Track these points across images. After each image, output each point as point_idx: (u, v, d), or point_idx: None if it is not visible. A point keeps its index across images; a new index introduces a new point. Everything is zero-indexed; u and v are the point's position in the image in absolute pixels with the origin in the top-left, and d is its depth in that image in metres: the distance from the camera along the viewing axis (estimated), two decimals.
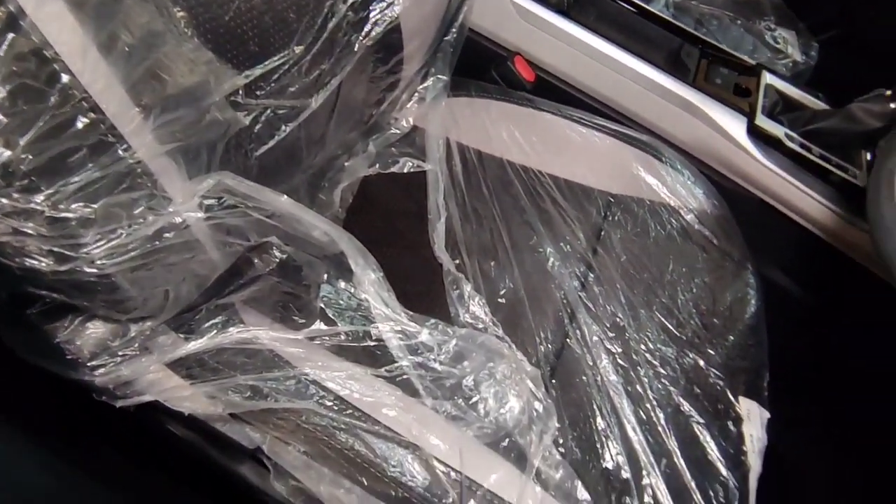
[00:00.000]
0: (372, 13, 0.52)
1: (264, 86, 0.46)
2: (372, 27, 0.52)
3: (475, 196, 0.65)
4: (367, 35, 0.52)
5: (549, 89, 0.77)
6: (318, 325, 0.50)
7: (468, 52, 0.73)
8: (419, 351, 0.50)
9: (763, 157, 0.69)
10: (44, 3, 0.30)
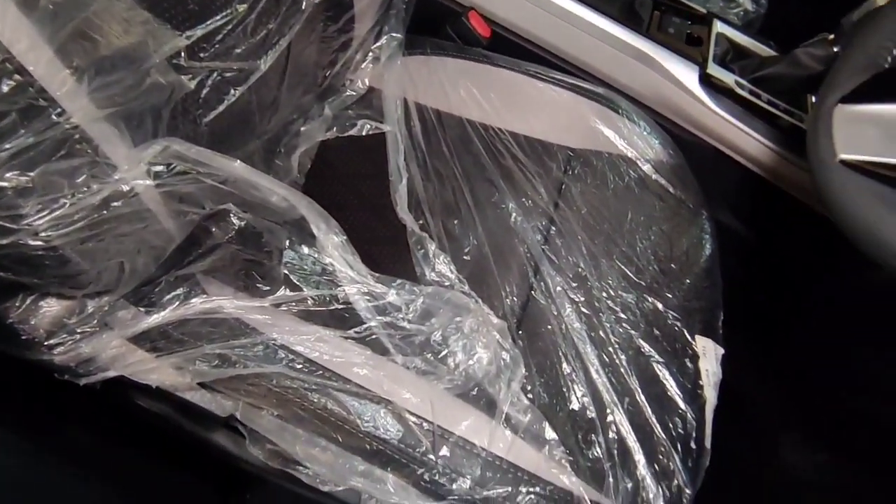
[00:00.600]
0: None
1: (207, 47, 0.44)
2: None
3: (436, 156, 0.65)
4: None
5: (505, 44, 0.76)
6: (284, 292, 0.50)
7: (421, 8, 0.71)
8: (387, 311, 0.51)
9: (715, 105, 0.71)
10: None
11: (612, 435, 0.50)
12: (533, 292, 0.58)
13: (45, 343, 0.44)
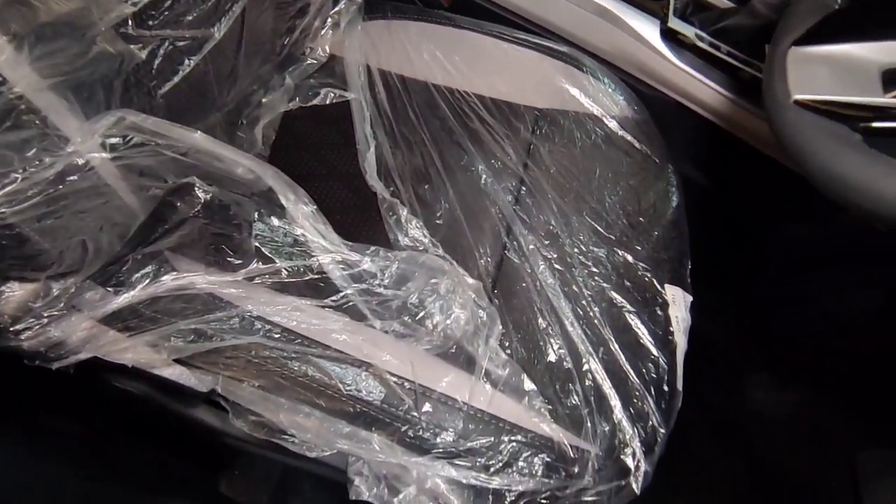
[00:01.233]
0: None
1: (156, 15, 0.43)
2: None
3: (402, 122, 0.64)
4: None
5: (468, 6, 0.75)
6: (256, 265, 0.49)
7: None
8: (363, 278, 0.51)
9: (676, 59, 0.71)
10: None
11: (588, 383, 0.52)
12: (506, 252, 0.58)
13: (11, 329, 0.43)
